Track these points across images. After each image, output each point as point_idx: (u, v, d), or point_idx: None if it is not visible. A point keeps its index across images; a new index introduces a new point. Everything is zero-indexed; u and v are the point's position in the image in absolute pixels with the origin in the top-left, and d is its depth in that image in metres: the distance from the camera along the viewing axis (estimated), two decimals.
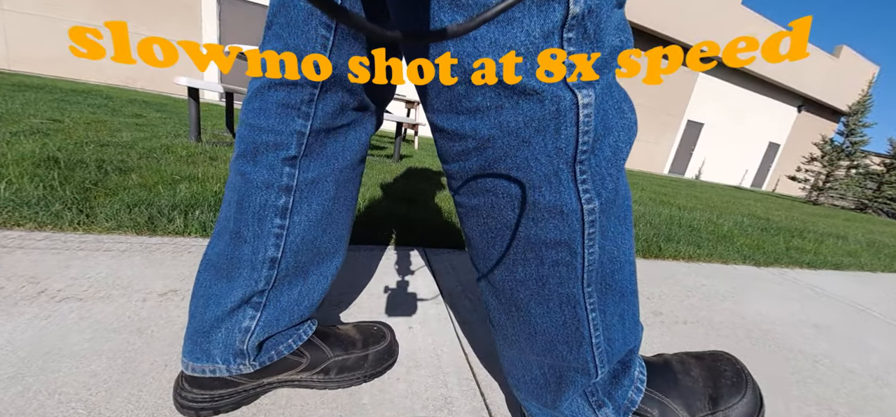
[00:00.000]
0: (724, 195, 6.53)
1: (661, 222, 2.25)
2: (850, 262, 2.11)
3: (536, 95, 0.32)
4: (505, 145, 0.34)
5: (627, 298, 0.43)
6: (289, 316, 0.52)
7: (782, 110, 15.23)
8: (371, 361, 0.59)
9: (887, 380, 0.88)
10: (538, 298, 0.40)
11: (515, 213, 0.37)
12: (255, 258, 0.47)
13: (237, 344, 0.48)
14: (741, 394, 0.47)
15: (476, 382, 0.63)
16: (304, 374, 0.55)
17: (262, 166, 0.45)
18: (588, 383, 0.43)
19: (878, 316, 1.34)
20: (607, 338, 0.42)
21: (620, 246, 0.40)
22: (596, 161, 0.35)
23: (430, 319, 0.79)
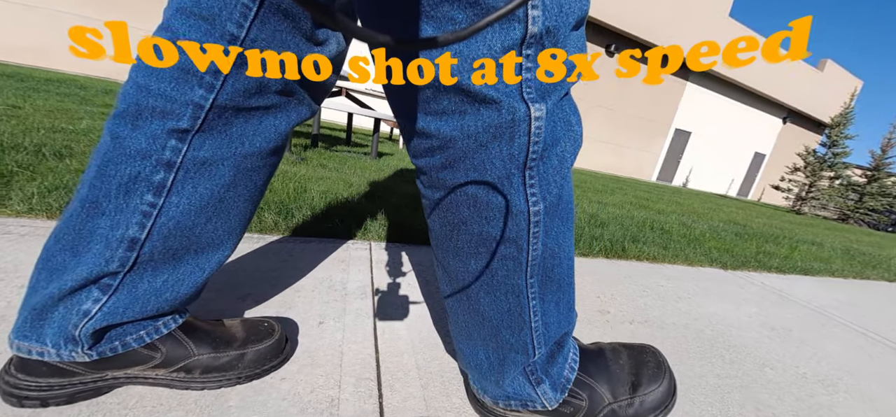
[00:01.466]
0: (708, 202, 6.58)
1: (633, 224, 2.22)
2: (821, 268, 2.10)
3: (495, 104, 0.35)
4: (465, 147, 0.36)
5: (563, 288, 0.47)
6: (145, 305, 0.45)
7: (768, 121, 15.50)
8: (250, 361, 0.52)
9: (838, 386, 0.83)
10: (487, 288, 0.44)
11: (471, 211, 0.40)
12: (111, 234, 0.41)
13: (70, 328, 0.42)
14: (658, 383, 0.52)
15: (378, 383, 0.57)
16: (159, 371, 0.48)
17: (143, 133, 0.40)
18: (527, 361, 0.47)
19: (840, 320, 1.30)
20: (545, 323, 0.47)
21: (561, 244, 0.44)
22: (544, 168, 0.38)
23: (349, 314, 0.72)
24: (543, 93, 0.36)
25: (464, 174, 0.38)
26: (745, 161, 16.11)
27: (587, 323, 0.89)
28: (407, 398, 0.55)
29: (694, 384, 0.72)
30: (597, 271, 1.27)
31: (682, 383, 0.72)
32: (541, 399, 0.49)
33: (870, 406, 0.78)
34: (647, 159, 13.74)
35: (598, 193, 3.96)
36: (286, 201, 1.27)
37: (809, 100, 14.90)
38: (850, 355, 1.02)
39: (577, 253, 1.43)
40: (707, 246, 2.00)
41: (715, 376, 0.77)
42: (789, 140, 16.21)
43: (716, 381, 0.75)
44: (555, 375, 0.49)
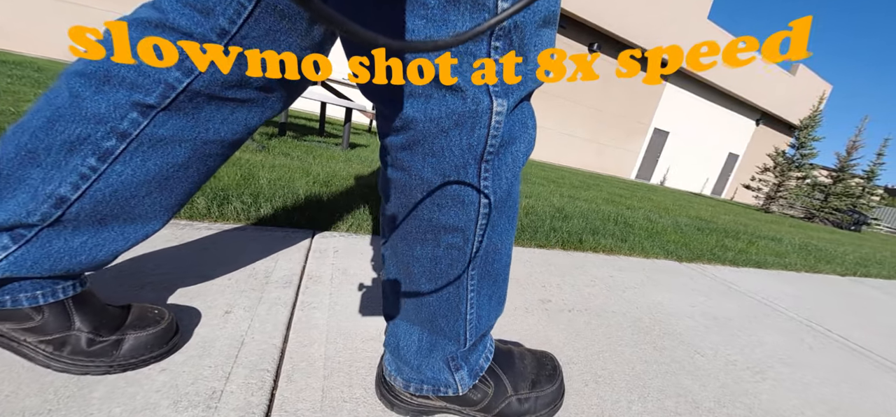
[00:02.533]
0: (680, 200, 6.75)
1: (597, 218, 2.23)
2: (775, 262, 2.16)
3: (461, 93, 0.35)
4: (426, 130, 0.36)
5: (499, 283, 0.48)
6: (54, 264, 0.43)
7: (742, 123, 16.03)
8: (127, 350, 0.48)
9: (767, 374, 0.85)
10: (429, 275, 0.44)
11: (423, 196, 0.39)
12: (41, 187, 0.39)
13: None
14: (552, 383, 0.55)
15: (276, 374, 0.53)
16: (28, 337, 0.44)
17: (105, 98, 0.39)
18: (456, 351, 0.48)
19: (782, 310, 1.34)
20: (478, 315, 0.48)
21: (503, 240, 0.45)
22: (498, 163, 0.39)
23: (264, 304, 0.68)
24: (507, 90, 0.36)
25: (422, 157, 0.38)
26: (719, 161, 16.63)
27: (524, 311, 0.87)
28: (303, 389, 0.51)
29: (618, 369, 0.72)
30: (550, 261, 1.27)
31: (607, 369, 0.71)
32: (456, 384, 0.49)
33: (796, 394, 0.79)
34: (626, 158, 14.02)
35: (573, 188, 4.00)
36: (227, 187, 1.21)
37: (781, 104, 15.48)
38: (787, 344, 1.04)
39: (534, 244, 1.43)
40: (666, 240, 2.04)
41: (643, 362, 0.76)
42: (762, 141, 16.81)
43: (642, 367, 0.75)
44: (473, 362, 0.50)
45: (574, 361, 0.72)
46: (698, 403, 0.68)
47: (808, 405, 0.76)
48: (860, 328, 1.36)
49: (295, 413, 0.48)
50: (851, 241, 5.76)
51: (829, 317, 1.40)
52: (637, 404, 0.63)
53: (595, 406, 0.61)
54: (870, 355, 1.12)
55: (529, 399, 0.53)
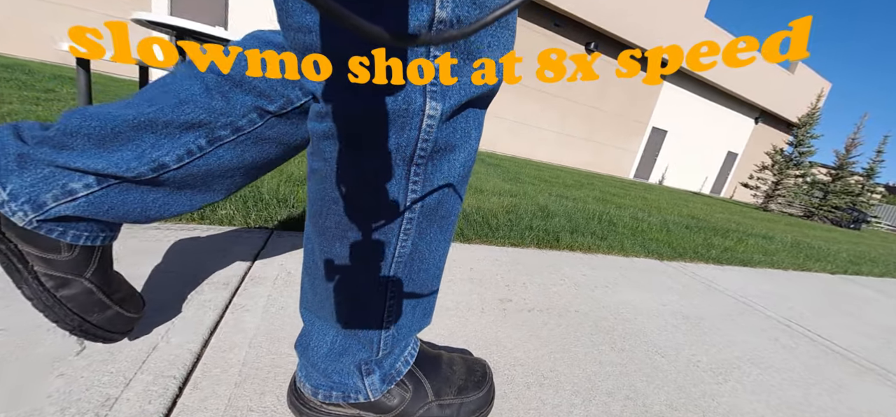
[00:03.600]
0: (676, 198, 6.71)
1: (581, 217, 2.20)
2: (762, 260, 2.13)
3: (393, 89, 0.33)
4: (351, 121, 0.34)
5: (425, 294, 0.46)
6: (118, 213, 0.46)
7: (741, 121, 15.97)
8: (105, 318, 0.48)
9: (731, 375, 0.81)
10: (346, 276, 0.41)
11: (344, 190, 0.37)
12: (148, 152, 0.44)
13: (44, 194, 0.41)
14: (479, 390, 0.53)
15: (183, 382, 0.50)
16: (39, 265, 0.44)
17: (234, 99, 0.44)
18: (368, 359, 0.45)
19: (761, 309, 1.30)
20: (397, 325, 0.45)
21: (433, 250, 0.43)
22: (431, 169, 0.37)
23: (192, 306, 0.65)
24: (444, 93, 0.34)
25: (344, 150, 0.36)
26: (718, 159, 16.57)
27: (480, 312, 0.84)
28: (208, 397, 0.48)
29: (567, 371, 0.68)
30: (520, 260, 1.23)
31: (555, 370, 0.68)
32: (366, 389, 0.47)
33: (758, 397, 0.75)
34: (624, 157, 13.97)
35: (565, 188, 3.97)
36: None
37: (780, 101, 15.42)
38: (760, 344, 1.01)
39: (508, 243, 1.39)
40: (650, 238, 2.00)
41: (596, 363, 0.73)
42: (761, 139, 16.75)
43: (595, 369, 0.71)
44: (387, 367, 0.48)
45: (521, 363, 0.69)
46: (648, 406, 0.64)
47: (769, 408, 0.72)
48: (845, 328, 1.32)
49: None
50: (849, 239, 5.72)
51: (811, 317, 1.36)
52: (580, 407, 0.60)
53: (533, 410, 0.57)
54: (850, 355, 1.08)
55: (452, 406, 0.49)
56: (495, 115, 11.05)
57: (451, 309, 0.83)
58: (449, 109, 0.35)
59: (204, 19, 7.70)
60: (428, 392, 0.49)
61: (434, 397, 0.49)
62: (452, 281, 0.97)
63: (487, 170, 4.08)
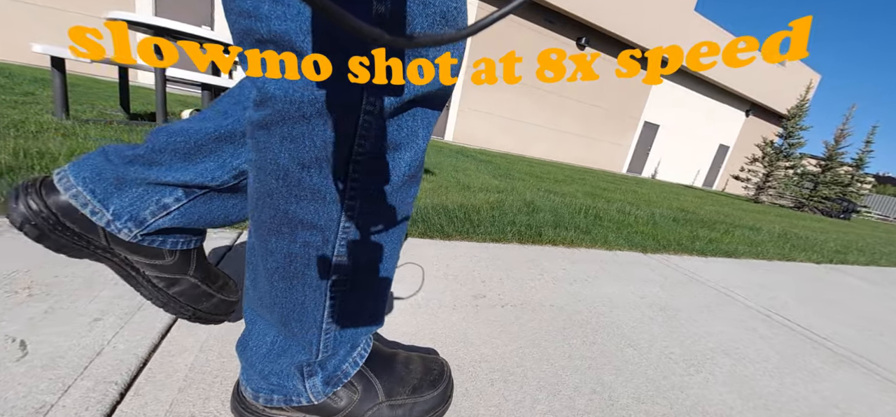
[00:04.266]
0: (667, 192, 6.75)
1: (566, 211, 2.19)
2: (747, 251, 2.13)
3: (330, 80, 0.32)
4: (285, 111, 0.33)
5: (372, 296, 0.45)
6: (205, 220, 0.52)
7: (732, 114, 16.10)
8: (210, 305, 0.57)
9: (704, 366, 0.81)
10: (283, 273, 0.40)
11: (279, 184, 0.36)
12: (229, 161, 0.49)
13: (144, 212, 0.48)
14: (434, 389, 0.52)
15: (125, 388, 0.48)
16: (150, 271, 0.52)
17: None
18: (308, 361, 0.44)
19: (741, 299, 1.30)
20: (340, 327, 0.43)
21: (380, 252, 0.42)
22: (373, 167, 0.36)
23: (144, 310, 0.63)
24: (385, 89, 0.33)
25: (279, 141, 0.34)
26: (710, 152, 16.70)
27: (451, 308, 0.83)
28: (149, 403, 0.46)
29: (535, 366, 0.67)
30: (499, 256, 1.22)
31: (522, 366, 0.67)
32: (307, 392, 0.45)
33: (730, 388, 0.75)
34: (618, 152, 14.03)
35: (555, 183, 3.97)
36: None
37: (771, 94, 15.56)
38: (737, 335, 1.01)
39: (488, 238, 1.38)
40: (635, 231, 2.00)
41: (565, 357, 0.72)
42: (752, 132, 16.90)
43: (563, 363, 0.70)
44: (331, 368, 0.46)
45: (488, 359, 0.67)
46: (614, 399, 0.63)
47: (741, 398, 0.72)
48: (826, 317, 1.32)
49: None
50: (837, 229, 5.78)
51: (793, 306, 1.37)
52: (544, 402, 0.59)
53: (494, 407, 0.56)
54: (829, 344, 1.08)
55: (405, 405, 0.48)
56: (489, 113, 11.04)
57: (422, 307, 0.81)
58: (390, 106, 0.34)
59: (189, 19, 7.60)
60: (378, 392, 0.48)
61: (385, 397, 0.48)
62: (428, 277, 0.95)
63: (478, 166, 4.07)
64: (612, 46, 11.77)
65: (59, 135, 1.70)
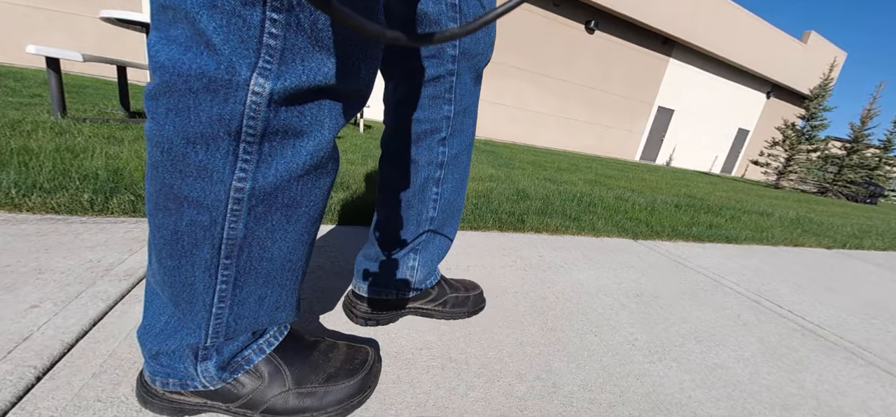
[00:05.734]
0: (680, 178, 6.55)
1: (559, 199, 2.14)
2: (750, 236, 2.04)
3: (215, 54, 0.31)
4: (172, 83, 0.32)
5: (273, 285, 0.44)
6: (437, 259, 0.71)
7: (752, 96, 15.45)
8: (472, 300, 0.77)
9: (669, 354, 0.77)
10: (170, 250, 0.39)
11: (164, 157, 0.35)
12: (419, 217, 0.65)
13: (408, 275, 0.69)
14: (351, 378, 0.50)
15: (43, 372, 0.48)
16: (431, 304, 0.73)
17: (423, 148, 0.61)
18: (201, 344, 0.43)
19: (731, 285, 1.25)
20: (235, 313, 0.42)
21: (276, 238, 0.41)
22: (268, 150, 0.36)
23: (83, 298, 0.63)
24: (279, 74, 0.33)
25: (165, 112, 0.33)
26: (728, 137, 16.11)
27: None
28: (59, 387, 0.46)
29: (479, 353, 0.65)
30: (474, 244, 1.20)
31: (466, 353, 0.65)
32: (199, 377, 0.43)
33: (692, 377, 0.71)
34: (629, 139, 13.67)
35: (557, 172, 3.89)
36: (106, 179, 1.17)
37: (793, 74, 14.86)
38: (716, 322, 0.96)
39: (467, 227, 1.35)
40: (629, 218, 1.94)
41: (517, 344, 0.70)
42: (773, 115, 16.20)
43: (512, 349, 0.68)
44: (227, 354, 0.45)
45: (430, 346, 0.65)
46: (559, 386, 0.61)
47: (702, 387, 0.68)
48: (823, 304, 1.25)
49: (34, 411, 0.43)
50: (860, 214, 5.51)
51: (788, 293, 1.30)
52: (479, 389, 0.57)
53: (424, 393, 0.54)
54: (820, 332, 1.02)
55: (314, 394, 0.47)
56: (494, 102, 10.88)
57: None
58: (282, 90, 0.34)
59: None
60: (286, 379, 0.47)
61: (294, 385, 0.47)
62: None
63: (478, 156, 4.02)
64: (624, 29, 11.41)
65: (53, 133, 1.75)
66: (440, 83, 0.57)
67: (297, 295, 0.47)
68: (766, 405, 0.67)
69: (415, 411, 0.51)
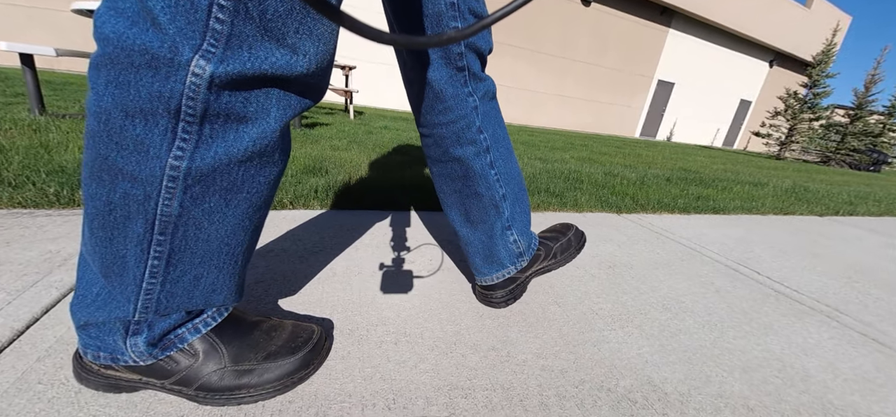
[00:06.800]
0: (679, 153, 6.48)
1: (545, 177, 2.12)
2: (739, 206, 2.03)
3: (159, 31, 0.32)
4: (114, 55, 0.33)
5: (210, 268, 0.44)
6: (528, 223, 0.76)
7: (754, 66, 15.14)
8: (573, 239, 0.85)
9: (632, 322, 0.77)
10: (103, 221, 0.39)
11: (100, 127, 0.35)
12: (494, 200, 0.68)
13: (515, 248, 0.72)
14: (292, 355, 0.50)
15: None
16: (545, 262, 0.80)
17: (466, 143, 0.64)
18: (126, 318, 0.43)
19: (711, 255, 1.24)
20: (167, 291, 0.42)
21: (214, 221, 0.41)
22: (208, 132, 0.37)
23: (38, 287, 0.64)
24: (223, 59, 0.34)
25: (105, 83, 0.34)
26: (730, 109, 15.86)
27: (357, 273, 0.81)
28: (3, 371, 0.47)
29: (436, 327, 0.65)
30: (438, 224, 1.19)
31: (423, 326, 0.65)
32: (128, 351, 0.44)
33: (650, 343, 0.71)
34: (628, 115, 13.49)
35: (551, 150, 3.85)
36: None
37: (796, 41, 14.50)
38: (687, 290, 0.96)
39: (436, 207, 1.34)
40: (615, 192, 1.92)
41: (476, 316, 0.70)
42: (776, 84, 15.89)
43: (470, 323, 0.68)
44: (158, 331, 0.45)
45: (386, 321, 0.66)
46: (513, 355, 0.61)
47: (661, 352, 0.68)
48: (805, 269, 1.25)
49: None
50: (860, 181, 5.46)
51: (769, 260, 1.29)
52: (430, 360, 0.57)
53: (372, 368, 0.55)
54: (797, 296, 1.02)
55: (253, 371, 0.47)
56: None
57: (338, 275, 0.80)
58: (224, 74, 0.34)
59: None
60: (223, 356, 0.47)
61: (231, 363, 0.47)
62: (355, 247, 0.94)
63: None
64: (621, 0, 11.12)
65: (30, 130, 1.74)
66: (456, 80, 0.60)
67: (237, 279, 0.47)
68: (725, 367, 0.67)
69: (360, 384, 0.51)
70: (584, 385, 0.57)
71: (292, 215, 1.12)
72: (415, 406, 0.49)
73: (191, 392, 0.45)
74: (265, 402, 0.47)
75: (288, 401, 0.47)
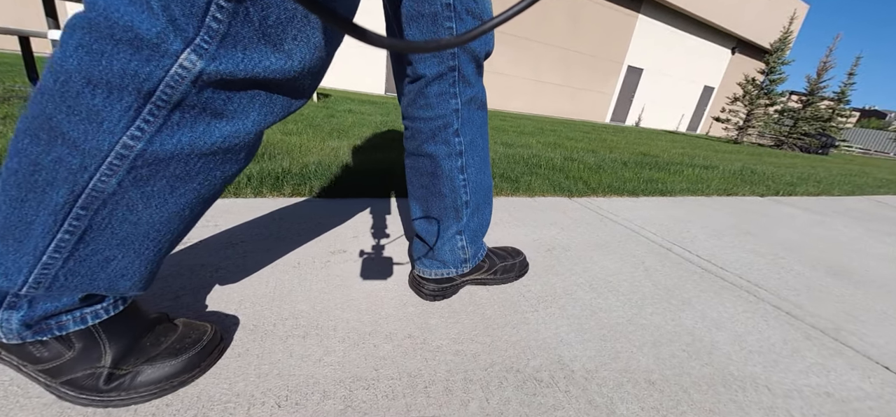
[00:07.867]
0: (642, 138, 6.70)
1: (503, 163, 2.14)
2: (685, 188, 2.12)
3: (151, 15, 0.31)
4: (95, 23, 0.31)
5: (128, 251, 0.41)
6: (481, 234, 0.77)
7: (718, 53, 15.74)
8: (518, 266, 0.86)
9: (554, 303, 0.78)
10: (20, 180, 0.36)
11: (56, 86, 0.33)
12: (455, 204, 0.69)
13: (460, 254, 0.73)
14: (174, 358, 0.47)
15: None
16: (484, 275, 0.79)
17: (440, 143, 0.65)
18: (7, 289, 0.39)
19: (647, 235, 1.29)
20: (69, 269, 0.39)
21: (154, 207, 0.40)
22: (177, 120, 0.36)
23: None
24: (215, 56, 0.34)
25: (75, 45, 0.32)
26: (694, 95, 16.50)
27: (311, 263, 0.78)
28: None
29: (353, 317, 0.64)
30: (387, 209, 1.17)
31: (337, 318, 0.63)
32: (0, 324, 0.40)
33: (570, 321, 0.73)
34: (600, 100, 13.78)
35: (519, 136, 3.88)
36: None
37: (757, 29, 15.15)
38: (618, 269, 0.99)
39: (387, 194, 1.33)
40: (569, 177, 1.96)
41: (397, 306, 0.69)
42: (737, 71, 16.62)
43: (390, 312, 0.67)
44: (38, 312, 0.41)
45: (302, 314, 0.64)
46: (428, 343, 0.61)
47: (577, 331, 0.70)
48: (735, 248, 1.32)
49: None
50: (807, 164, 5.85)
51: (704, 239, 1.36)
52: (338, 353, 0.56)
53: (270, 364, 0.53)
54: (722, 272, 1.08)
55: (129, 374, 0.44)
56: None
57: (252, 267, 0.77)
58: (214, 72, 0.34)
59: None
60: (104, 356, 0.44)
61: (110, 364, 0.44)
62: (276, 238, 0.90)
63: None
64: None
65: None
66: (444, 79, 0.60)
67: (152, 268, 0.44)
68: (635, 343, 0.69)
69: (252, 383, 0.50)
70: (493, 368, 0.58)
71: (218, 203, 1.06)
72: (309, 401, 0.48)
73: (54, 385, 0.42)
74: (137, 406, 0.44)
75: (165, 404, 0.45)
